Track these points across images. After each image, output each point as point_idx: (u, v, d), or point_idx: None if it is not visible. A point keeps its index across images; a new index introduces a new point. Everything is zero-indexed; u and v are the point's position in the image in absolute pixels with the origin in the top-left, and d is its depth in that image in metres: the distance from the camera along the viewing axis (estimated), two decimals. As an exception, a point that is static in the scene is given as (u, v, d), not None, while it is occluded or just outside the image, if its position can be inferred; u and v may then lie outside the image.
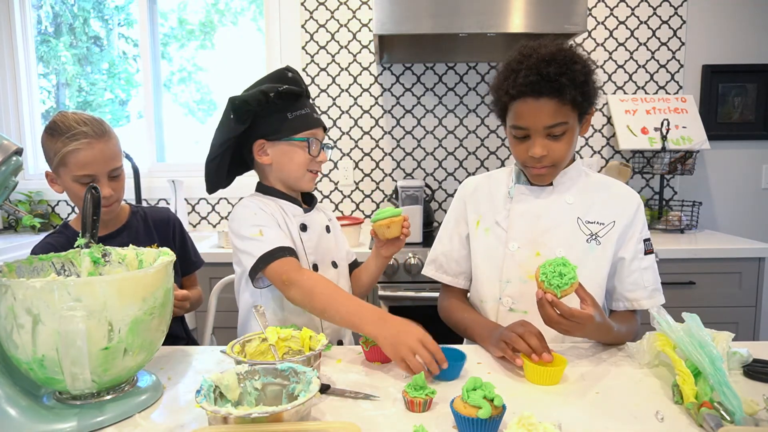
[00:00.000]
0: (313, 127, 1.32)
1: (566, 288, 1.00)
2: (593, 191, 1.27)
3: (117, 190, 1.42)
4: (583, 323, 1.03)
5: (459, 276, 1.38)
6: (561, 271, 1.00)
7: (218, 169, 1.33)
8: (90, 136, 1.34)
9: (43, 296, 0.80)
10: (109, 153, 1.37)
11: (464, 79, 2.78)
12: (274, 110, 1.28)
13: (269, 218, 1.27)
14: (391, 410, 0.91)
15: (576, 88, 1.13)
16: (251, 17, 3.00)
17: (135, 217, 1.53)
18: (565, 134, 1.17)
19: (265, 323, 1.11)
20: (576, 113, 1.18)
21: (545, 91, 1.13)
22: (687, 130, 2.57)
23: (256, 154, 1.32)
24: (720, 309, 2.16)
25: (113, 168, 1.39)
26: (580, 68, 1.14)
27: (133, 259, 1.06)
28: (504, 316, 1.26)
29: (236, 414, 0.73)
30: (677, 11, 2.72)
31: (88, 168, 1.34)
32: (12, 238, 2.52)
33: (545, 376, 0.99)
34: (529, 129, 1.17)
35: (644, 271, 1.24)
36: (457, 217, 1.38)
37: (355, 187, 2.84)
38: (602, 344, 1.21)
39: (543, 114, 1.14)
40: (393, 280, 2.15)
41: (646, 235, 1.26)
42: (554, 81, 1.12)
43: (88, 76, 3.07)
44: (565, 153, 1.19)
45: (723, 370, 0.87)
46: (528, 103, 1.15)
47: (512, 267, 1.25)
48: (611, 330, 1.14)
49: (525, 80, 1.13)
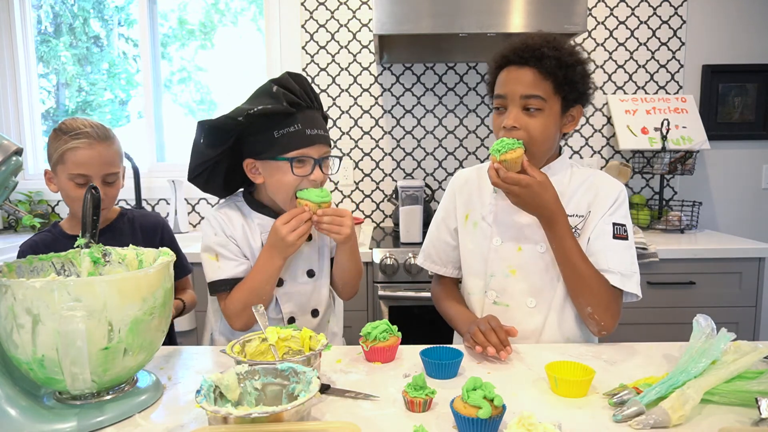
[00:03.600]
0: (302, 146, 1.22)
1: (505, 152, 1.13)
2: (576, 185, 1.28)
3: (109, 197, 1.41)
4: (522, 185, 1.13)
5: (447, 265, 1.41)
6: (505, 142, 1.14)
7: (207, 184, 1.33)
8: (91, 137, 1.36)
9: (43, 296, 0.80)
10: (106, 157, 1.38)
11: (464, 79, 2.78)
12: (260, 128, 1.22)
13: (226, 241, 1.29)
14: (391, 410, 0.91)
15: (558, 65, 1.16)
16: (251, 17, 3.00)
17: (121, 220, 1.53)
18: (541, 112, 1.18)
19: (265, 323, 1.11)
20: (558, 97, 1.19)
21: (526, 58, 1.18)
22: (687, 130, 2.57)
23: (248, 173, 1.29)
24: (720, 309, 2.16)
25: (108, 173, 1.39)
26: (568, 50, 1.18)
27: (133, 259, 1.06)
28: (489, 308, 1.29)
29: (236, 414, 0.73)
30: (677, 11, 2.72)
31: (83, 167, 1.35)
32: (12, 238, 2.52)
33: (573, 388, 0.95)
34: (506, 97, 1.20)
35: (610, 251, 1.20)
36: (447, 210, 1.40)
37: (355, 187, 2.84)
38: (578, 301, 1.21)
39: (521, 83, 1.18)
40: (393, 280, 2.15)
41: (618, 220, 1.23)
42: (537, 50, 1.17)
43: (88, 76, 3.07)
44: (538, 133, 1.18)
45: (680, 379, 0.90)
46: (510, 71, 1.21)
47: (496, 261, 1.28)
48: (567, 228, 1.17)
49: (510, 47, 1.21)
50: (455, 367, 1.04)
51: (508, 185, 1.14)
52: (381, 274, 2.14)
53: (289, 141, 1.22)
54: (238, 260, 1.29)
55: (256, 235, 1.31)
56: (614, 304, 1.20)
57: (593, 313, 1.19)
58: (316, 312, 1.37)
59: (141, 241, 1.51)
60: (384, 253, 2.14)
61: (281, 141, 1.22)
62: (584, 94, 1.23)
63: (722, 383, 0.91)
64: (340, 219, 1.25)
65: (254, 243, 1.31)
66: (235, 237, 1.30)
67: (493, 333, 1.12)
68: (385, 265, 2.12)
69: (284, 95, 1.21)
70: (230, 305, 1.27)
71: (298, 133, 1.22)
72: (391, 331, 1.13)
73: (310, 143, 1.23)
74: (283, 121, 1.22)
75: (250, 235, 1.31)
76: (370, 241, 2.35)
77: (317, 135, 1.25)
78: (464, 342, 1.18)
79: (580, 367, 0.98)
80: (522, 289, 1.26)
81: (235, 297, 1.26)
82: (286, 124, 1.22)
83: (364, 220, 2.56)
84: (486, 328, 1.13)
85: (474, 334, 1.14)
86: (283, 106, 1.20)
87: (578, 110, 1.24)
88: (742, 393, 0.90)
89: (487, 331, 1.12)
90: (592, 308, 1.18)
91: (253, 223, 1.32)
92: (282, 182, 1.25)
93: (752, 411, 0.86)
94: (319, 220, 1.23)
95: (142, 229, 1.53)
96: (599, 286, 1.18)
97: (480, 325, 1.14)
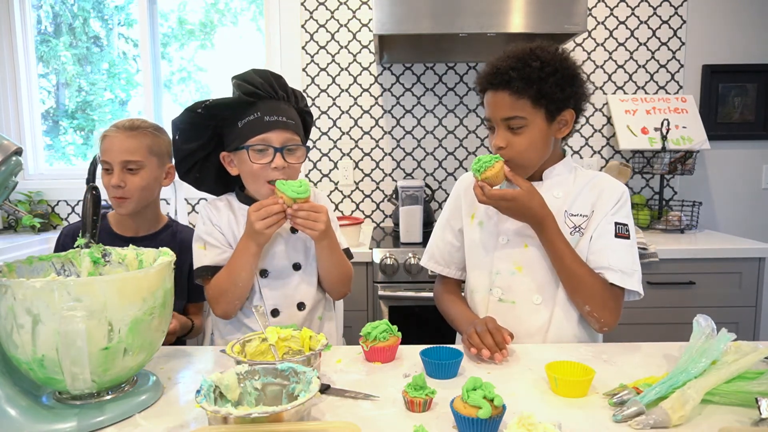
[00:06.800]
0: (260, 131, 1.24)
1: (485, 170, 1.17)
2: (580, 185, 1.30)
3: (130, 186, 1.47)
4: (508, 198, 1.18)
5: (451, 266, 1.43)
6: (483, 161, 1.18)
7: (199, 181, 1.38)
8: (119, 128, 1.47)
9: (43, 296, 0.80)
10: (128, 145, 1.46)
11: (464, 79, 2.78)
12: (230, 121, 1.28)
13: (212, 229, 1.34)
14: (391, 410, 0.91)
15: (529, 85, 1.17)
16: (251, 17, 3.00)
17: (166, 231, 1.59)
18: (524, 129, 1.21)
19: (265, 323, 1.11)
20: (540, 111, 1.20)
21: (497, 83, 1.21)
22: (687, 130, 2.57)
23: (226, 166, 1.34)
24: (720, 309, 2.16)
25: (127, 160, 1.46)
26: (537, 65, 1.18)
27: (133, 259, 1.06)
28: (494, 306, 1.30)
29: (236, 414, 0.73)
30: (677, 11, 2.72)
31: (105, 154, 1.46)
32: (12, 238, 2.52)
33: (573, 388, 0.95)
34: (492, 120, 1.24)
35: (611, 250, 1.21)
36: (452, 211, 1.42)
37: (355, 187, 2.84)
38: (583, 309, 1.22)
39: (499, 106, 1.22)
40: (393, 280, 2.15)
41: (621, 219, 1.24)
42: (504, 74, 1.19)
43: (88, 76, 3.07)
44: (525, 149, 1.21)
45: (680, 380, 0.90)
46: (489, 95, 1.24)
47: (502, 258, 1.29)
48: (557, 232, 1.20)
49: (483, 73, 1.25)
50: (455, 367, 1.04)
51: (496, 201, 1.20)
52: (381, 274, 2.14)
53: (250, 128, 1.26)
54: (222, 248, 1.33)
55: (242, 226, 1.32)
56: (612, 302, 1.21)
57: (591, 311, 1.20)
58: (302, 305, 1.35)
59: (178, 256, 1.51)
60: (384, 253, 2.14)
61: (243, 130, 1.26)
62: (569, 99, 1.22)
63: (722, 383, 0.91)
64: (316, 215, 1.24)
65: (238, 233, 1.33)
66: (220, 225, 1.34)
67: (488, 335, 1.12)
68: (385, 265, 2.12)
69: (239, 86, 1.26)
70: (209, 290, 1.31)
71: (257, 121, 1.25)
72: (391, 331, 1.13)
73: (267, 129, 1.25)
74: (245, 111, 1.27)
75: (235, 226, 1.34)
76: (370, 241, 2.35)
77: (276, 121, 1.26)
78: (462, 342, 1.19)
79: (580, 367, 0.98)
80: (528, 286, 1.27)
81: (214, 281, 1.30)
82: (246, 114, 1.26)
83: (364, 220, 2.56)
84: (482, 330, 1.13)
85: (470, 335, 1.14)
86: (237, 96, 1.26)
87: (570, 114, 1.24)
88: (742, 393, 0.90)
89: (483, 332, 1.12)
90: (590, 306, 1.20)
91: (239, 215, 1.35)
92: (247, 172, 1.29)
93: (752, 411, 0.86)
94: (294, 214, 1.22)
95: (181, 245, 1.53)
96: (594, 285, 1.20)
97: (477, 327, 1.14)
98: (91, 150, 3.08)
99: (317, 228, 1.23)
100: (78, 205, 2.84)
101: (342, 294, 1.44)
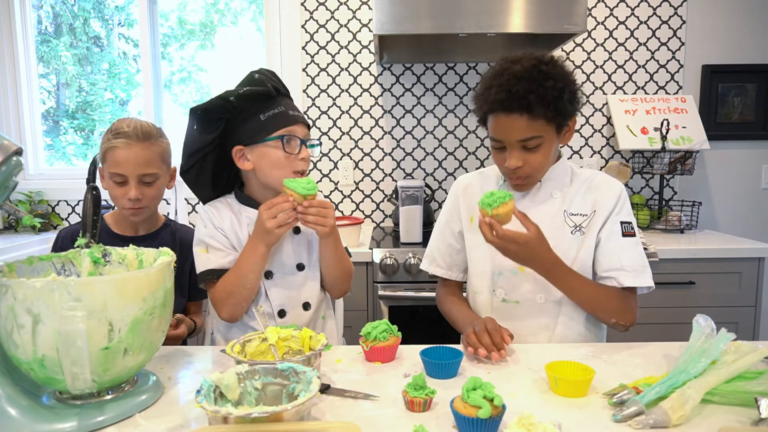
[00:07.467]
0: (288, 124, 1.28)
1: (497, 206, 1.10)
2: (577, 185, 1.31)
3: (147, 197, 1.45)
4: (519, 243, 1.12)
5: (452, 269, 1.43)
6: (496, 196, 1.11)
7: (197, 180, 1.35)
8: (130, 138, 1.41)
9: (43, 296, 0.80)
10: (144, 157, 1.42)
11: (464, 79, 2.78)
12: (246, 115, 1.27)
13: (215, 232, 1.32)
14: (391, 410, 0.91)
15: (546, 105, 1.16)
16: (251, 17, 3.00)
17: (165, 230, 1.57)
18: (540, 146, 1.20)
19: (265, 323, 1.11)
20: (553, 126, 1.20)
21: (514, 107, 1.16)
22: (687, 130, 2.57)
23: (237, 161, 1.31)
24: (720, 309, 2.16)
25: (145, 173, 1.43)
26: (551, 85, 1.16)
27: (133, 259, 1.06)
28: (498, 307, 1.31)
29: (236, 414, 0.73)
30: (677, 11, 2.72)
31: (120, 167, 1.41)
32: (12, 238, 2.52)
33: (573, 388, 0.95)
34: (503, 141, 1.21)
35: (622, 250, 1.24)
36: (451, 213, 1.42)
37: (355, 187, 2.84)
38: (591, 321, 1.26)
39: (515, 129, 1.18)
40: (393, 280, 2.15)
41: (624, 218, 1.27)
42: (523, 98, 1.15)
43: (88, 76, 3.07)
44: (541, 164, 1.23)
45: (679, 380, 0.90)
46: (500, 118, 1.20)
47: (504, 259, 1.27)
48: (567, 271, 1.19)
49: (495, 97, 1.18)
50: (455, 367, 1.04)
51: (506, 243, 1.12)
52: (381, 274, 2.14)
53: (276, 121, 1.27)
54: (226, 251, 1.32)
55: (244, 228, 1.32)
56: (631, 304, 1.25)
57: (617, 321, 1.23)
58: (308, 305, 1.36)
59: (178, 255, 1.51)
60: (384, 253, 2.14)
61: (268, 123, 1.27)
62: (577, 109, 1.23)
63: (722, 383, 0.91)
64: (325, 211, 1.25)
65: (242, 235, 1.32)
66: (223, 228, 1.32)
67: (486, 335, 1.12)
68: (385, 265, 2.12)
69: (268, 80, 1.28)
70: (216, 293, 1.29)
71: (283, 114, 1.28)
72: (391, 331, 1.13)
73: (293, 122, 1.29)
74: (268, 105, 1.28)
75: (238, 228, 1.33)
76: (370, 241, 2.35)
77: (299, 116, 1.32)
78: (462, 342, 1.19)
79: (580, 367, 0.98)
80: (531, 285, 1.27)
81: (220, 284, 1.28)
82: (270, 107, 1.28)
83: (364, 220, 2.56)
84: (480, 330, 1.13)
85: (468, 335, 1.14)
86: (268, 88, 1.27)
87: (574, 121, 1.26)
88: (742, 393, 0.90)
89: (481, 332, 1.12)
90: (615, 318, 1.23)
91: (242, 216, 1.34)
92: (272, 162, 1.28)
93: (752, 411, 0.86)
94: (304, 212, 1.23)
95: (181, 244, 1.54)
96: (612, 298, 1.23)
97: (475, 326, 1.14)
98: (91, 150, 3.08)
99: (327, 224, 1.25)
100: (78, 205, 2.84)
101: (343, 292, 1.45)
